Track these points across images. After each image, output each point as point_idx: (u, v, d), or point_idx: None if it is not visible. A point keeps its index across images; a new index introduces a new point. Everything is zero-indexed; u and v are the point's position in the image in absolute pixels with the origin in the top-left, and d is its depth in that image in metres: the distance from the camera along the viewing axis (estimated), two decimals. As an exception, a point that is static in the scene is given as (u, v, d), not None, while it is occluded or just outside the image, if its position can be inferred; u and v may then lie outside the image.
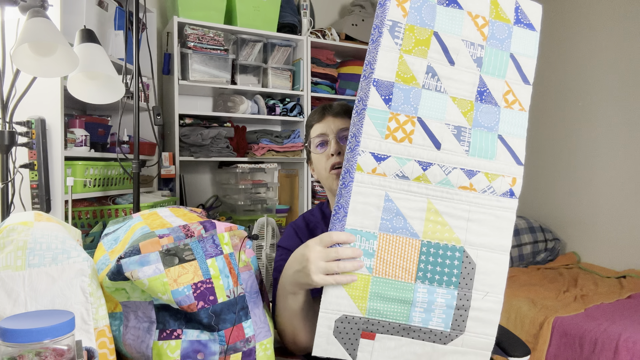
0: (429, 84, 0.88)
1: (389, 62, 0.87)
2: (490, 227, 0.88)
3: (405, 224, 0.86)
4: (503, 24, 0.93)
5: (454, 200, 0.87)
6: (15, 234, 0.79)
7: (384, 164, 0.86)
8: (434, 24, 0.89)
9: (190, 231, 0.89)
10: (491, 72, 0.92)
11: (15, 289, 0.74)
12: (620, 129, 3.23)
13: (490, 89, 0.91)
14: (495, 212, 0.89)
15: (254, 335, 0.90)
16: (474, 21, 0.92)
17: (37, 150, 1.36)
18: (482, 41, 0.92)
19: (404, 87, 0.87)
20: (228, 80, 2.66)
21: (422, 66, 0.88)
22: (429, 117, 0.87)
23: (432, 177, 0.87)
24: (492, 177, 0.89)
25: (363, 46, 3.09)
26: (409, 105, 0.87)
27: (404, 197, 0.86)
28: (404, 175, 0.86)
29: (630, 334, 2.09)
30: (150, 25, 2.45)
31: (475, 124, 0.90)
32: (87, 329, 0.79)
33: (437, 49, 0.89)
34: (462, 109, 0.89)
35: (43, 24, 1.11)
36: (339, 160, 1.09)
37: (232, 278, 0.90)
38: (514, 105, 0.92)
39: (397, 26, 0.88)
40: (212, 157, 2.62)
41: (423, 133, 0.87)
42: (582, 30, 3.51)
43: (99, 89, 1.42)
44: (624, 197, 3.18)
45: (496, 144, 0.90)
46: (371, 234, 0.85)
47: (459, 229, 0.87)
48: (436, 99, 0.88)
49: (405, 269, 0.85)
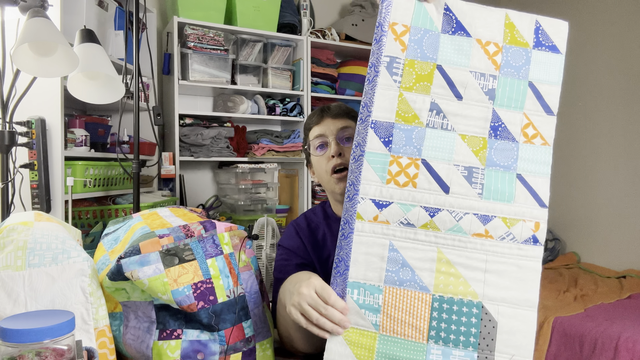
0: (434, 122, 0.81)
1: (387, 101, 0.81)
2: (512, 278, 0.78)
3: (414, 276, 0.78)
4: (520, 49, 0.84)
5: (467, 249, 0.78)
6: (15, 234, 0.79)
7: (386, 211, 0.79)
8: (437, 57, 0.82)
9: (190, 231, 0.89)
10: (506, 105, 0.82)
11: (15, 289, 0.74)
12: (620, 129, 3.23)
13: (505, 123, 0.82)
14: (517, 261, 0.78)
15: (254, 335, 0.90)
16: (484, 49, 0.83)
17: (37, 150, 1.36)
18: (494, 71, 0.83)
19: (405, 128, 0.80)
20: (228, 80, 2.66)
21: (425, 103, 0.81)
22: (435, 158, 0.80)
23: (441, 224, 0.79)
24: (511, 222, 0.79)
25: (363, 46, 3.09)
26: (412, 146, 0.80)
27: (410, 247, 0.79)
28: (409, 223, 0.79)
29: (630, 334, 2.08)
30: (150, 25, 2.45)
31: (490, 163, 0.81)
32: (87, 329, 0.79)
33: (442, 83, 0.82)
34: (474, 147, 0.81)
35: (43, 24, 1.11)
36: (340, 161, 1.07)
37: (232, 278, 0.90)
38: (534, 140, 0.83)
39: (396, 62, 0.81)
40: (212, 157, 2.63)
41: (428, 176, 0.80)
42: (583, 30, 3.51)
43: (99, 89, 1.42)
44: (624, 197, 3.18)
45: (515, 185, 0.81)
46: (375, 287, 0.78)
47: (475, 282, 0.77)
48: (442, 138, 0.81)
49: (416, 327, 0.76)
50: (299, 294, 0.78)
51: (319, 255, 1.11)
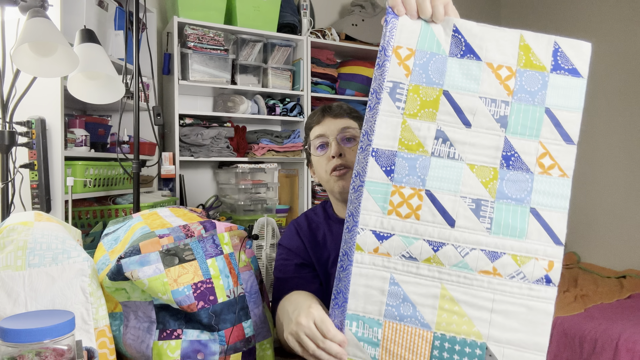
0: (440, 151, 0.76)
1: (390, 128, 0.76)
2: (520, 320, 0.73)
3: (415, 312, 0.74)
4: (535, 72, 0.78)
5: (473, 286, 0.74)
6: (15, 234, 0.79)
7: (387, 243, 0.75)
8: (443, 82, 0.77)
9: (190, 231, 0.89)
10: (520, 133, 0.77)
11: (15, 289, 0.74)
12: (620, 129, 3.23)
13: (519, 153, 0.76)
14: (527, 302, 0.74)
15: (254, 335, 0.90)
16: (496, 73, 0.78)
17: (37, 150, 1.36)
18: (506, 97, 0.77)
19: (408, 156, 0.76)
20: (228, 80, 2.66)
21: (430, 131, 0.76)
22: (440, 189, 0.75)
23: (446, 259, 0.74)
24: (521, 260, 0.74)
25: (363, 46, 3.09)
26: (415, 176, 0.76)
27: (412, 281, 0.75)
28: (411, 256, 0.75)
29: (630, 334, 2.09)
30: (150, 25, 2.45)
31: (500, 195, 0.75)
32: (87, 329, 0.79)
33: (449, 110, 0.77)
34: (483, 178, 0.76)
35: (43, 24, 1.11)
36: (340, 162, 1.07)
37: (232, 278, 0.90)
38: (551, 171, 0.76)
39: (399, 87, 0.77)
40: (212, 157, 2.63)
41: (432, 208, 0.75)
42: (583, 30, 3.51)
43: (99, 89, 1.42)
44: (624, 197, 3.18)
45: (527, 220, 0.75)
46: (375, 320, 0.75)
47: (480, 322, 0.73)
48: (449, 168, 0.76)
49: None
50: (297, 324, 0.77)
51: (318, 256, 1.11)
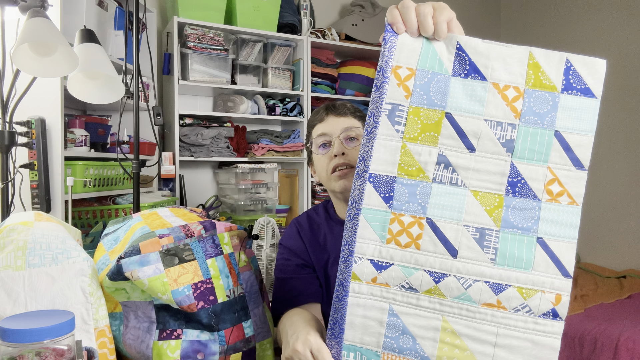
0: (442, 177, 0.72)
1: (388, 153, 0.72)
2: (525, 356, 0.71)
3: (415, 345, 0.71)
4: (545, 93, 0.73)
5: (476, 319, 0.71)
6: (15, 234, 0.79)
7: (385, 273, 0.72)
8: (445, 103, 0.73)
9: (190, 231, 0.89)
10: (527, 157, 0.73)
11: (15, 289, 0.74)
12: (620, 129, 3.23)
13: (526, 179, 0.72)
14: (533, 337, 0.71)
15: (254, 335, 0.90)
16: (502, 94, 0.73)
17: (37, 150, 1.36)
18: (513, 119, 0.73)
19: (408, 183, 0.72)
20: (228, 80, 2.66)
21: (431, 156, 0.72)
22: (442, 217, 0.72)
23: (447, 291, 0.71)
24: (527, 293, 0.71)
25: (363, 46, 3.09)
26: (416, 203, 0.72)
27: (412, 313, 0.72)
28: (411, 287, 0.72)
29: (630, 334, 2.09)
30: (150, 25, 2.45)
31: (505, 224, 0.72)
32: (87, 329, 0.79)
33: (451, 133, 0.73)
34: (487, 205, 0.72)
35: (43, 24, 1.11)
36: (342, 161, 1.05)
37: (232, 278, 0.90)
38: (560, 198, 0.73)
39: (398, 110, 0.72)
40: (212, 157, 2.63)
41: (434, 237, 0.71)
42: (583, 29, 3.51)
43: (99, 89, 1.42)
44: (624, 197, 3.18)
45: (534, 250, 0.71)
46: (373, 352, 0.72)
47: (482, 356, 0.71)
48: (451, 195, 0.72)
49: None
50: (294, 351, 0.75)
51: (318, 257, 1.11)
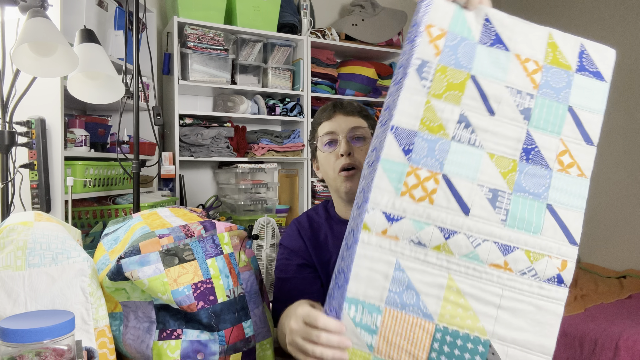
0: (461, 136, 0.73)
1: (413, 107, 0.73)
2: (528, 320, 0.71)
3: (418, 302, 0.71)
4: (561, 70, 0.77)
5: (482, 279, 0.71)
6: (15, 234, 0.79)
7: (396, 226, 0.71)
8: (471, 66, 0.75)
9: (190, 231, 0.89)
10: (542, 127, 0.76)
11: (15, 289, 0.74)
12: (620, 128, 3.23)
13: (539, 147, 0.75)
14: (537, 301, 0.71)
15: (254, 335, 0.90)
16: (523, 65, 0.77)
17: (37, 150, 1.36)
18: (532, 89, 0.76)
19: (429, 138, 0.73)
20: (228, 80, 2.66)
21: (453, 114, 0.74)
22: (458, 175, 0.72)
23: (456, 248, 0.71)
24: (535, 257, 0.72)
25: (363, 46, 3.09)
26: (434, 159, 0.72)
27: (418, 269, 0.71)
28: (420, 242, 0.71)
29: (630, 334, 2.09)
30: (150, 25, 2.45)
31: (518, 188, 0.73)
32: (87, 329, 0.79)
33: (474, 95, 0.75)
34: (502, 168, 0.74)
35: (43, 24, 1.11)
36: (349, 161, 1.05)
37: (232, 278, 0.90)
38: (570, 169, 0.76)
39: (427, 66, 0.74)
40: (212, 157, 2.63)
41: (448, 193, 0.72)
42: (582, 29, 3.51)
43: (99, 89, 1.42)
44: (624, 197, 3.18)
45: (543, 216, 0.73)
46: (375, 306, 0.70)
47: (485, 317, 0.70)
48: (469, 155, 0.73)
49: (414, 356, 0.69)
50: (290, 332, 0.74)
51: (320, 257, 1.11)
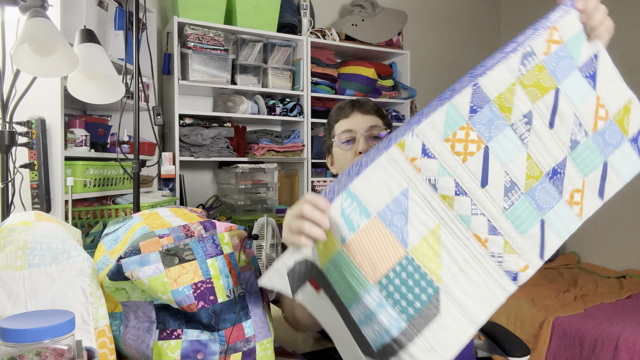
0: (518, 128, 0.79)
1: (500, 80, 0.78)
2: (477, 292, 0.78)
3: (403, 227, 0.76)
4: (620, 131, 0.85)
5: (461, 241, 0.78)
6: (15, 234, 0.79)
7: (425, 161, 0.76)
8: (562, 81, 0.81)
9: (190, 231, 0.89)
10: (577, 163, 0.83)
11: (15, 289, 0.74)
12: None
13: (565, 175, 0.82)
14: (491, 283, 0.79)
15: (254, 335, 0.90)
16: (597, 107, 0.84)
17: (37, 150, 1.36)
18: (590, 130, 0.83)
19: (495, 112, 0.78)
20: (228, 80, 2.66)
21: (524, 107, 0.79)
22: (496, 154, 0.78)
23: (458, 206, 0.77)
24: (509, 250, 0.79)
25: (363, 46, 3.09)
26: (488, 130, 0.78)
27: (419, 204, 0.77)
28: (434, 185, 0.77)
29: (630, 334, 2.09)
30: (150, 25, 2.45)
31: (530, 193, 0.80)
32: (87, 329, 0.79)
33: (548, 104, 0.80)
34: (530, 171, 0.80)
35: (43, 24, 1.11)
36: None
37: (232, 278, 0.90)
38: (574, 207, 0.83)
39: (532, 56, 0.79)
40: (212, 157, 2.63)
41: (480, 162, 0.78)
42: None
43: (99, 89, 1.42)
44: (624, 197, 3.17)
45: (534, 225, 0.81)
46: (367, 211, 0.75)
47: (447, 270, 0.77)
48: (514, 145, 0.79)
49: (374, 267, 0.75)
50: (290, 209, 0.80)
51: None
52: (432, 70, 3.82)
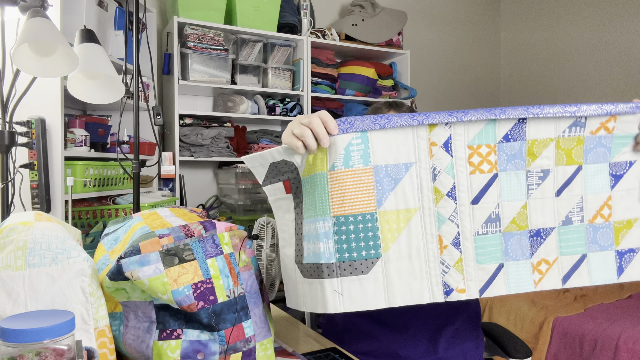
0: (531, 177, 0.82)
1: (544, 130, 0.81)
2: (408, 281, 0.81)
3: (387, 191, 0.79)
4: (612, 237, 0.87)
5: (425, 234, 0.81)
6: (15, 234, 0.79)
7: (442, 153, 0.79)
8: (589, 163, 0.85)
9: (190, 231, 0.89)
10: (560, 239, 0.86)
11: (15, 289, 0.74)
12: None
13: (544, 243, 0.85)
14: (424, 282, 0.81)
15: (254, 335, 0.90)
16: (604, 204, 0.87)
17: (37, 150, 1.36)
18: (588, 219, 0.86)
19: (522, 151, 0.82)
20: (228, 80, 2.66)
21: (547, 163, 0.82)
22: (501, 185, 0.81)
23: (442, 205, 0.81)
24: (459, 267, 0.82)
25: (363, 46, 3.09)
26: (507, 161, 0.81)
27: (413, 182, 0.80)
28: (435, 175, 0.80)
29: (630, 334, 2.09)
30: (150, 25, 2.45)
31: (506, 236, 0.83)
32: (87, 329, 0.79)
33: (567, 174, 0.84)
34: (517, 218, 0.82)
35: (43, 24, 1.11)
36: None
37: (232, 278, 0.90)
38: (535, 274, 0.88)
39: (580, 127, 0.82)
40: (212, 157, 2.63)
41: (483, 183, 0.81)
42: (581, 28, 3.51)
43: (99, 89, 1.42)
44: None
45: (492, 263, 0.82)
46: (368, 159, 0.78)
47: (397, 247, 0.81)
48: (519, 188, 0.82)
49: (342, 204, 0.78)
50: (292, 121, 0.81)
51: None
52: (432, 70, 3.82)
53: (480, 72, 4.11)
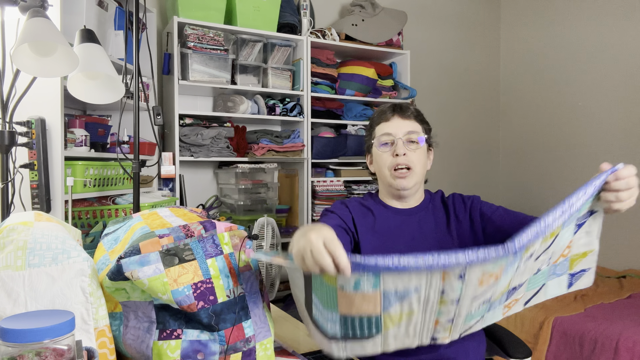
0: (522, 261, 0.82)
1: (537, 243, 0.81)
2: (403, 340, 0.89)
3: (393, 302, 0.81)
4: (568, 266, 0.97)
5: (424, 319, 0.85)
6: (15, 234, 0.79)
7: (455, 281, 0.78)
8: (564, 228, 0.87)
9: (190, 231, 0.89)
10: (530, 284, 0.93)
11: (15, 289, 0.74)
12: (620, 129, 3.23)
13: (517, 291, 0.91)
14: (416, 339, 0.89)
15: (254, 335, 0.90)
16: (566, 247, 0.94)
17: (37, 150, 1.36)
18: (552, 262, 0.93)
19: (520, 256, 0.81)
20: (228, 80, 2.66)
21: (536, 249, 0.82)
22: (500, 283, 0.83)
23: (445, 308, 0.82)
24: (447, 328, 0.88)
25: (363, 46, 3.09)
26: (506, 268, 0.80)
27: (420, 297, 0.80)
28: (443, 293, 0.80)
29: (630, 334, 2.09)
30: (150, 25, 2.45)
31: (493, 303, 0.87)
32: (87, 329, 0.79)
33: (547, 244, 0.85)
34: (502, 289, 0.84)
35: (43, 24, 1.11)
36: (403, 161, 1.17)
37: (232, 278, 0.90)
38: (505, 309, 0.95)
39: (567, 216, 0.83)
40: (212, 157, 2.63)
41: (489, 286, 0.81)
42: (581, 28, 3.51)
43: (99, 89, 1.42)
44: (624, 197, 3.17)
45: (475, 319, 0.88)
46: (379, 285, 0.78)
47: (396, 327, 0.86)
48: (511, 272, 0.82)
49: (349, 309, 0.82)
50: (306, 240, 0.76)
51: (365, 227, 1.20)
52: (432, 70, 3.82)
53: (480, 72, 4.11)
